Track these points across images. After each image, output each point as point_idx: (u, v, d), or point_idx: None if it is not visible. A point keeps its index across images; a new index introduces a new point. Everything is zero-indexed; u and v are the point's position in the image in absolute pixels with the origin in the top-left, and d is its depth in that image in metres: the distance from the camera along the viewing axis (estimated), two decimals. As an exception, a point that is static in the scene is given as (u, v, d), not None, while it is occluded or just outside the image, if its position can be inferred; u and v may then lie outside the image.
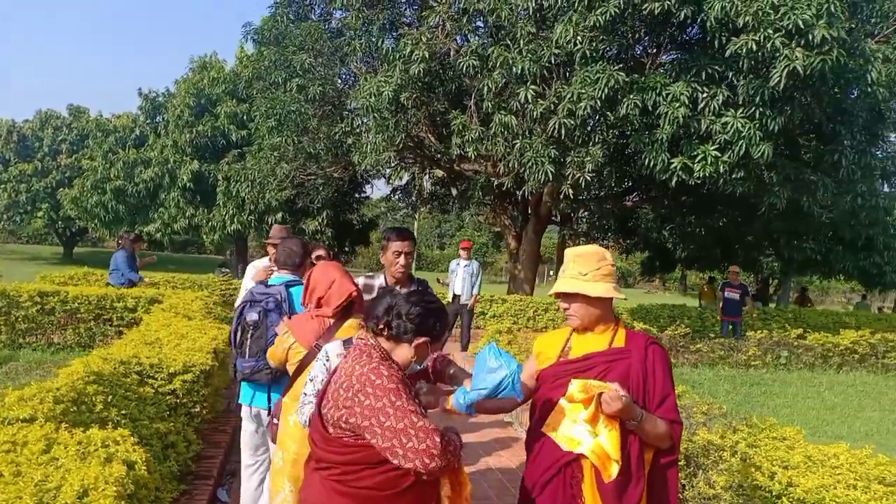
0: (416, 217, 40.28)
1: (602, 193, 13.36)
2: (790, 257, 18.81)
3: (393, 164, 12.29)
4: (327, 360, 2.76)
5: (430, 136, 12.57)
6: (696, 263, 22.01)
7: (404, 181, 17.54)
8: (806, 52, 7.71)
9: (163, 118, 21.23)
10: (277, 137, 13.44)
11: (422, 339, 2.22)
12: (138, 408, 3.76)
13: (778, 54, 7.87)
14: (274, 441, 3.31)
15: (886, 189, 19.28)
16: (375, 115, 11.34)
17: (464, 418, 2.39)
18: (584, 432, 2.32)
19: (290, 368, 3.17)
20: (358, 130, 13.69)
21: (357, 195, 20.04)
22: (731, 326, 12.78)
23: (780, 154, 9.64)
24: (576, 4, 8.79)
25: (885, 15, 10.30)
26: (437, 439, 1.98)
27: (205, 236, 20.45)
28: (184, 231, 18.93)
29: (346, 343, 2.83)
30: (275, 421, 3.26)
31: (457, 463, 2.13)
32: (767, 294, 23.45)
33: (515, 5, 9.56)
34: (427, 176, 17.37)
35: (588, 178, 9.88)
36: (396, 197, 19.62)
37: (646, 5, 8.53)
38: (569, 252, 2.57)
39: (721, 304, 13.32)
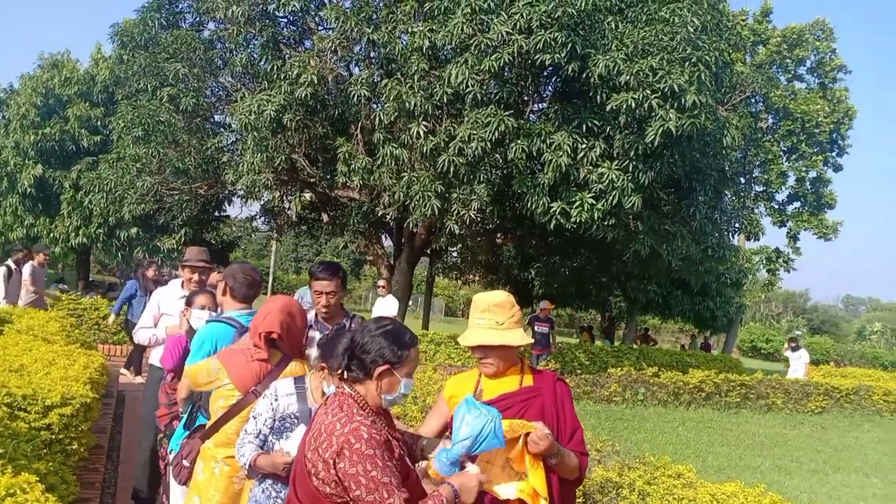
0: (279, 240, 39.04)
1: (481, 229, 13.70)
2: (636, 298, 20.26)
3: (270, 186, 11.82)
4: (275, 400, 2.60)
5: (303, 159, 12.28)
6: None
7: (264, 200, 16.94)
8: (678, 113, 8.45)
9: (3, 116, 19.06)
10: (143, 148, 12.52)
11: (381, 368, 2.05)
12: (14, 445, 3.26)
13: (654, 114, 8.56)
14: (181, 483, 3.03)
15: (717, 239, 21.56)
16: (254, 133, 10.93)
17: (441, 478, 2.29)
18: (511, 474, 2.33)
19: (215, 409, 2.90)
20: (232, 148, 13.10)
21: (218, 213, 19.07)
22: (538, 358, 12.99)
23: (647, 205, 10.42)
24: (472, 48, 9.04)
25: (733, 86, 11.57)
26: None
27: (44, 248, 18.48)
28: (21, 241, 16.95)
29: (298, 381, 2.65)
30: (185, 463, 2.97)
31: None
32: (613, 332, 25.06)
33: (410, 42, 9.68)
34: (296, 199, 16.92)
35: (472, 215, 10.11)
36: (261, 219, 18.90)
37: (537, 56, 8.95)
38: (481, 301, 2.55)
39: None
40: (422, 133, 9.37)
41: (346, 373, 2.11)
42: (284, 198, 16.32)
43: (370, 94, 10.21)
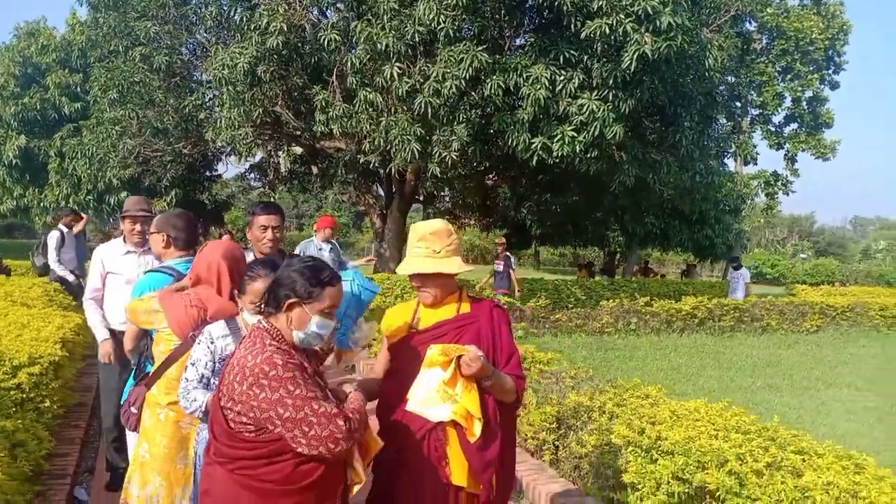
0: (274, 196, 38.89)
1: (466, 172, 13.58)
2: (633, 232, 20.18)
3: (248, 141, 11.70)
4: (211, 343, 2.61)
5: (287, 112, 12.12)
6: (549, 240, 23.08)
7: (258, 158, 16.84)
8: (654, 37, 8.23)
9: (-17, 89, 18.89)
10: (119, 111, 12.38)
11: (290, 301, 2.05)
12: (-20, 406, 3.33)
13: (629, 38, 8.33)
14: (132, 429, 3.07)
15: (715, 166, 21.32)
16: (229, 88, 10.76)
17: (359, 352, 2.37)
18: (445, 396, 2.35)
19: (157, 355, 2.93)
20: (210, 104, 12.92)
21: (209, 173, 19.00)
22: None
23: (629, 135, 10.27)
24: (440, -19, 8.78)
25: (717, 6, 11.23)
26: (341, 422, 1.95)
27: (36, 218, 18.50)
28: (11, 213, 16.95)
29: (230, 323, 2.65)
30: (133, 409, 3.01)
31: (363, 432, 2.11)
32: (614, 267, 25.08)
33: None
34: (284, 153, 16.79)
35: (454, 157, 9.99)
36: (252, 175, 18.81)
37: (507, -14, 8.70)
38: (418, 230, 2.56)
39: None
40: (395, 75, 9.19)
41: (264, 307, 2.12)
42: (274, 153, 16.23)
43: (342, 39, 9.98)
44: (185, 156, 14.30)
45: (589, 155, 9.70)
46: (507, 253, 12.93)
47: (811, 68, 22.52)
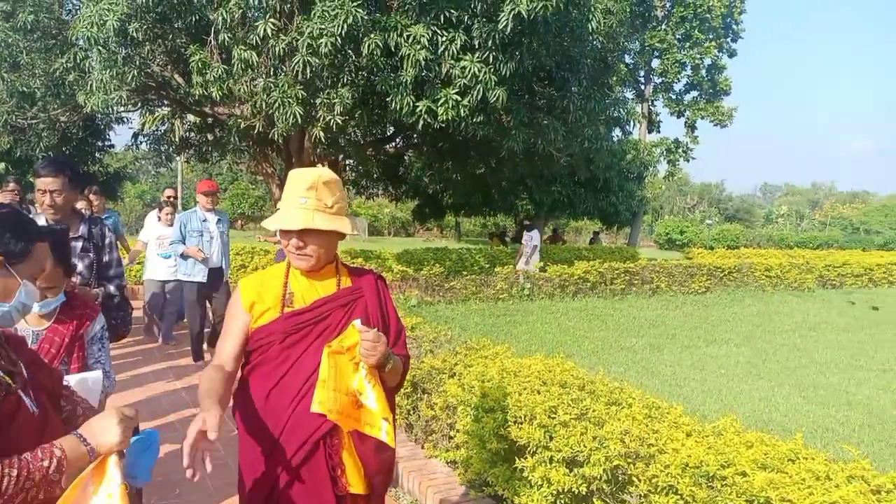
0: (175, 168, 37.37)
1: (360, 139, 13.27)
2: (541, 200, 20.42)
3: (125, 104, 11.01)
4: None
5: (175, 75, 11.45)
6: (462, 210, 23.10)
7: (147, 127, 15.93)
8: (530, -4, 8.11)
9: None
10: (-20, 74, 11.42)
11: None
12: None
13: (505, -2, 8.19)
14: None
15: (620, 135, 21.74)
16: (100, 48, 10.04)
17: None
18: (343, 394, 1.92)
19: None
20: (83, 66, 12.08)
21: (100, 143, 17.92)
22: None
23: (517, 99, 10.19)
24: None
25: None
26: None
27: None
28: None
29: None
30: None
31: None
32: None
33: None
34: (180, 121, 15.96)
35: (339, 121, 9.69)
36: (145, 144, 17.86)
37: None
38: (305, 177, 2.06)
39: None
40: (270, 31, 8.77)
41: None
42: (167, 120, 15.41)
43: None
44: (63, 123, 13.38)
45: (475, 119, 9.58)
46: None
47: (710, 36, 23.12)
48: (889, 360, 8.76)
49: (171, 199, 9.73)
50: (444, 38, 8.94)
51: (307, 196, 2.03)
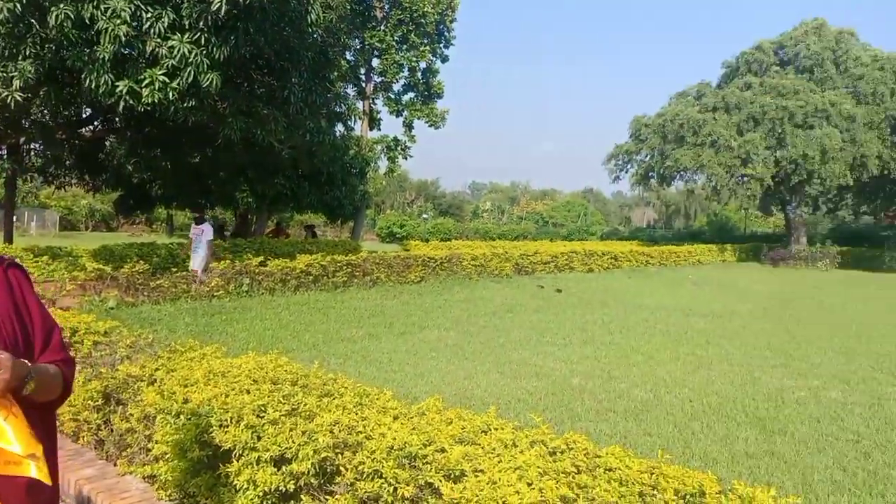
0: None
1: (48, 120, 11.59)
2: (263, 193, 19.85)
3: None
4: None
5: None
6: (174, 201, 21.49)
7: None
8: (245, -20, 7.81)
9: None
10: None
11: None
12: None
13: (219, -21, 7.78)
14: None
15: (343, 130, 22.07)
16: None
17: None
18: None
19: None
20: None
21: None
22: None
23: (234, 86, 9.76)
24: None
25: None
26: None
27: None
28: None
29: None
30: None
31: None
32: (246, 229, 24.48)
33: None
34: None
35: (18, 97, 8.37)
36: None
37: None
38: None
39: None
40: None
41: None
42: None
43: None
44: None
45: (186, 104, 8.96)
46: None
47: (424, 40, 24.53)
48: (568, 335, 10.14)
49: None
50: (148, 15, 8.21)
51: None
